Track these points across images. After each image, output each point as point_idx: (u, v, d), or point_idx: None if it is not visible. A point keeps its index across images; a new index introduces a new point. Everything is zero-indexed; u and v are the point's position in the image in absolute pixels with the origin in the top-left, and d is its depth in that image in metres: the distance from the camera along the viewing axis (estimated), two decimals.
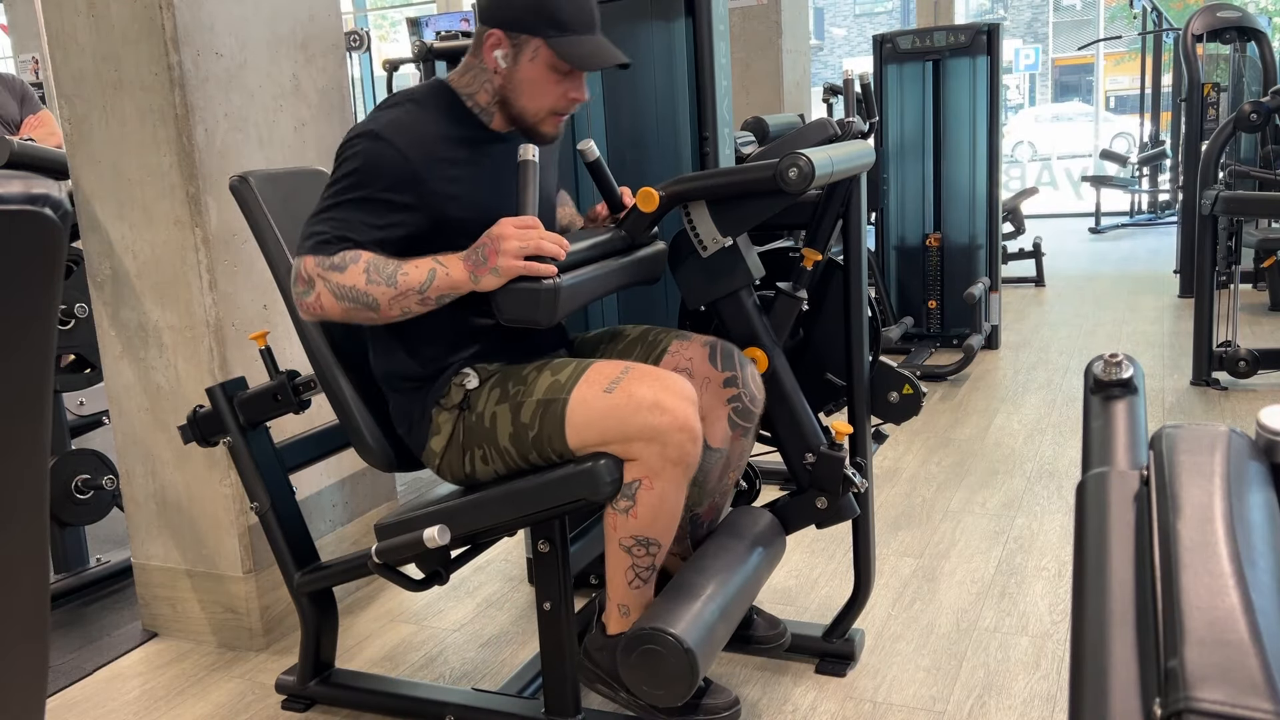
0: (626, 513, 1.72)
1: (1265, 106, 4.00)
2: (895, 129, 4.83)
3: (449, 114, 1.81)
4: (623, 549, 1.76)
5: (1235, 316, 4.17)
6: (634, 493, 1.70)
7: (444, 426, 1.80)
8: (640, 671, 1.69)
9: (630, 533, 1.73)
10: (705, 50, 2.22)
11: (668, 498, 1.71)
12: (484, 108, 1.83)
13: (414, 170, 1.71)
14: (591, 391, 1.69)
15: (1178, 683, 0.45)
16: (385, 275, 1.67)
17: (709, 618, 1.72)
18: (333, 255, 1.68)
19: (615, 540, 1.75)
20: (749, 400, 1.90)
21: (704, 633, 1.69)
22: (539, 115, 1.81)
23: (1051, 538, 2.76)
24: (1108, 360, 0.75)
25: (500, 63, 1.77)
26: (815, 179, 1.77)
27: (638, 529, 1.73)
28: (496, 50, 1.77)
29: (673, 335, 1.94)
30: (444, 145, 1.77)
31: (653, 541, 1.74)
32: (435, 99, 1.82)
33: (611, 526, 1.75)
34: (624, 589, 1.78)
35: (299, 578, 2.07)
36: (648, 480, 1.69)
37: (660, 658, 1.66)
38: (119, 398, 2.47)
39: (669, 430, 1.65)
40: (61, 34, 2.31)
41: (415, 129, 1.74)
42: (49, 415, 0.69)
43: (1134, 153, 9.82)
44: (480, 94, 1.83)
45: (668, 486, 1.70)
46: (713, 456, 1.91)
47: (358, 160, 1.71)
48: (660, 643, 1.66)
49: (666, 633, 1.65)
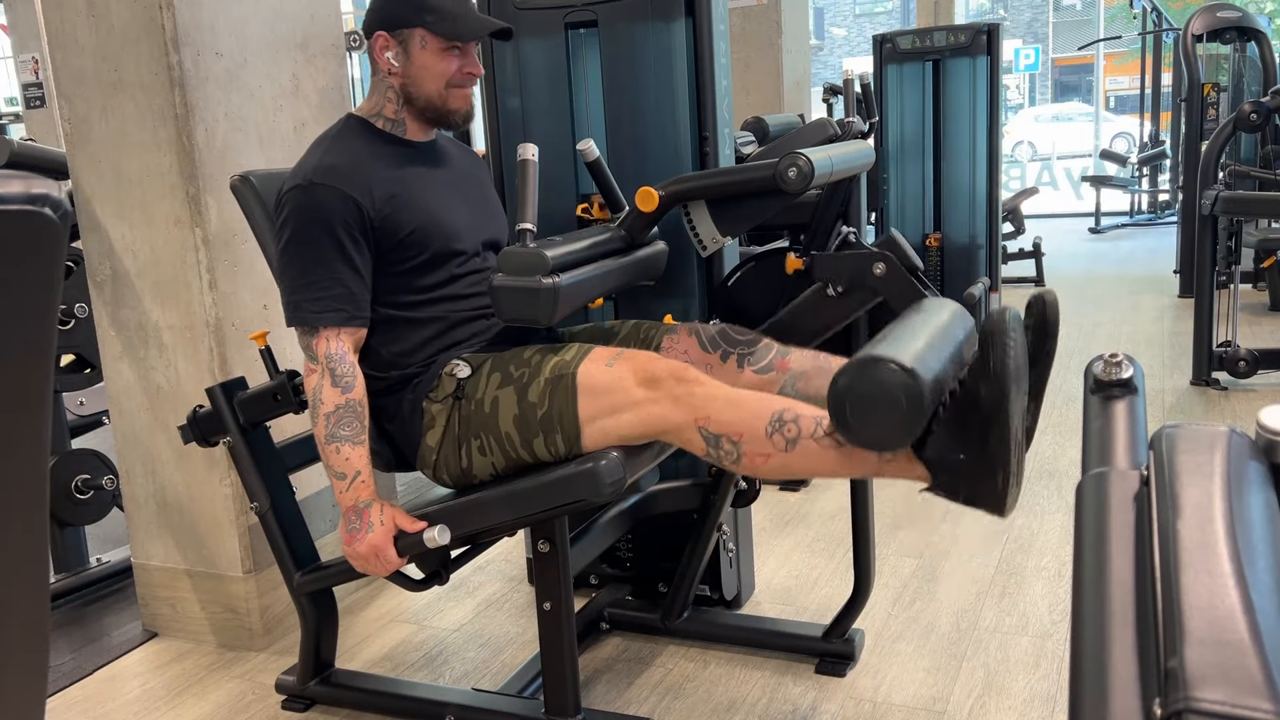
0: (734, 443, 1.61)
1: (1265, 106, 4.00)
2: (895, 129, 4.83)
3: (365, 139, 1.88)
4: (776, 441, 1.60)
5: (1235, 316, 4.17)
6: (707, 432, 1.62)
7: (438, 418, 1.81)
8: (863, 417, 1.44)
9: (757, 434, 1.60)
10: (705, 50, 2.22)
11: (717, 395, 1.63)
12: (394, 120, 1.91)
13: (355, 201, 1.77)
14: (596, 365, 1.71)
15: (1178, 683, 0.45)
16: (334, 431, 1.75)
17: (930, 353, 1.48)
18: (340, 367, 1.75)
19: (766, 445, 1.60)
20: (748, 343, 1.90)
21: (928, 362, 1.45)
22: (442, 96, 1.87)
23: (1051, 538, 2.76)
24: (1108, 360, 0.75)
25: (394, 63, 1.86)
26: (815, 179, 1.77)
27: (752, 424, 1.60)
28: (387, 52, 1.86)
29: (662, 330, 1.97)
30: (373, 166, 1.83)
31: (774, 415, 1.60)
32: (348, 131, 1.89)
33: (761, 461, 1.61)
34: (814, 437, 1.59)
35: (299, 578, 2.07)
36: (695, 420, 1.62)
37: (877, 384, 1.42)
38: (119, 398, 2.47)
39: (664, 371, 1.66)
40: (61, 34, 2.31)
41: (340, 164, 1.79)
42: (49, 415, 0.69)
43: (1134, 153, 9.82)
44: (386, 107, 1.90)
45: (705, 399, 1.62)
46: (788, 381, 1.85)
47: (298, 215, 1.76)
48: (871, 369, 1.42)
49: (880, 359, 1.42)
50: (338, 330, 1.76)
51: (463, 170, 2.01)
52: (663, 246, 2.06)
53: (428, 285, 1.85)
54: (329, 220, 1.75)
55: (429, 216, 1.84)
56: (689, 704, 2.08)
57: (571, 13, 2.29)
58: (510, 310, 1.69)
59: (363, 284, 1.79)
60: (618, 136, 2.31)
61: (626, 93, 2.28)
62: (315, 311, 1.75)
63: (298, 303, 1.76)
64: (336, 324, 1.76)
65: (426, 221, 1.83)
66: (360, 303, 1.78)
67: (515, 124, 2.40)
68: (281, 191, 1.80)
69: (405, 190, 1.84)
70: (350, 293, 1.76)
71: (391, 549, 1.77)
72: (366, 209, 1.77)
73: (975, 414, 1.47)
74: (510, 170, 2.37)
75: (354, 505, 1.76)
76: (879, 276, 1.93)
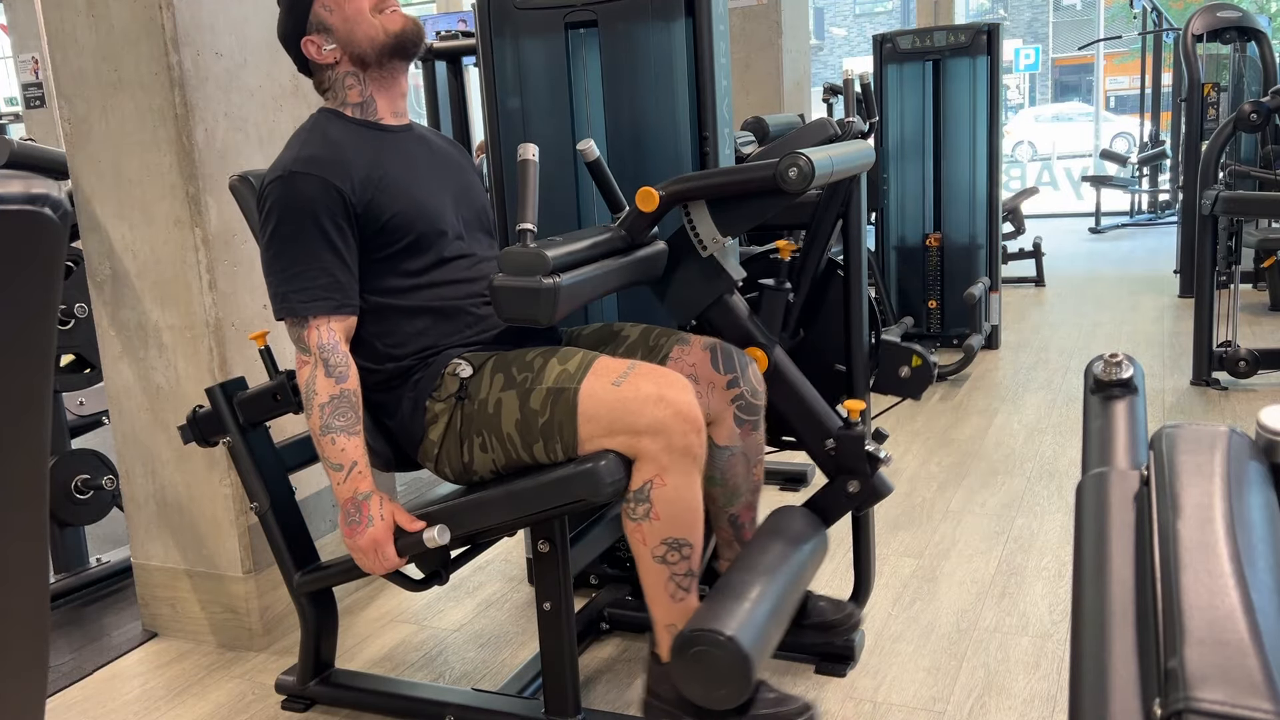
0: (647, 517, 1.70)
1: (1265, 106, 4.00)
2: (895, 129, 4.83)
3: (340, 128, 1.87)
4: (656, 560, 1.73)
5: (1235, 316, 4.17)
6: (648, 494, 1.69)
7: (441, 416, 1.81)
8: (694, 677, 1.63)
9: (658, 538, 1.71)
10: (705, 50, 2.22)
11: (682, 490, 1.69)
12: (362, 103, 1.90)
13: (337, 188, 1.76)
14: (600, 384, 1.70)
15: (1178, 683, 0.45)
16: (328, 422, 1.74)
17: (759, 616, 1.67)
18: (333, 357, 1.75)
19: (647, 555, 1.73)
20: (751, 395, 1.91)
21: (754, 630, 1.64)
22: (375, 27, 1.85)
23: (1051, 538, 2.76)
24: (1108, 360, 0.75)
25: (327, 44, 1.86)
26: (815, 179, 1.77)
27: (664, 531, 1.71)
28: (321, 46, 1.86)
29: (674, 339, 1.95)
30: (352, 153, 1.82)
31: (683, 542, 1.72)
32: (323, 122, 1.88)
33: (639, 541, 1.73)
34: (668, 605, 1.76)
35: (299, 578, 2.07)
36: (658, 478, 1.68)
37: (713, 659, 1.61)
38: (119, 398, 2.47)
39: (672, 421, 1.66)
40: (61, 34, 2.31)
41: (318, 154, 1.79)
42: (49, 415, 0.69)
43: (1134, 153, 9.82)
44: (349, 95, 1.90)
45: (679, 479, 1.69)
46: (724, 454, 1.91)
47: (280, 206, 1.75)
48: (710, 643, 1.61)
49: (716, 632, 1.61)
50: (328, 319, 1.75)
51: (441, 153, 2.00)
52: (663, 246, 2.06)
53: (415, 270, 1.84)
54: (313, 209, 1.74)
55: (410, 199, 1.83)
56: None
57: (571, 13, 2.29)
58: (510, 310, 1.69)
59: (349, 272, 1.78)
60: (618, 136, 2.31)
61: (626, 93, 2.28)
62: (303, 302, 1.74)
63: (285, 294, 1.75)
64: (326, 312, 1.75)
65: (408, 204, 1.83)
66: (349, 291, 1.78)
67: (515, 124, 2.40)
68: (263, 185, 1.79)
69: (385, 174, 1.83)
70: (337, 281, 1.76)
71: (391, 546, 1.76)
72: (349, 195, 1.77)
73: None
74: (510, 170, 2.37)
75: (352, 497, 1.75)
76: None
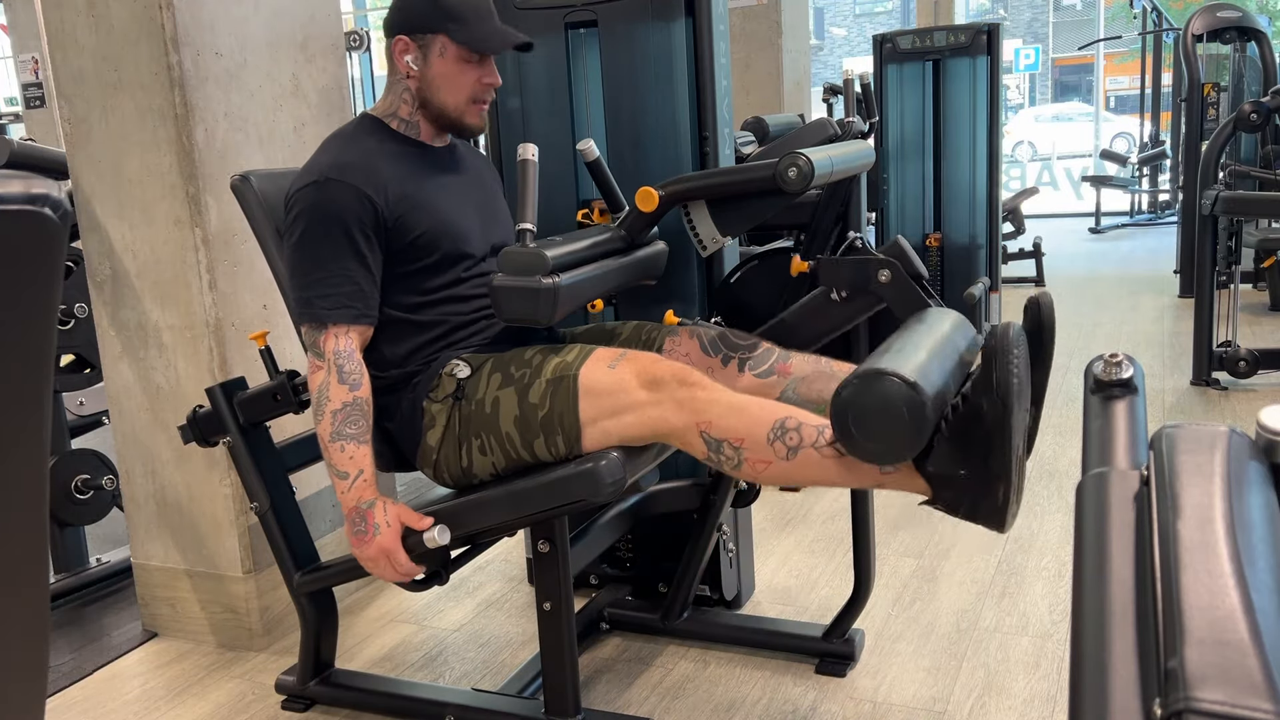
0: (735, 449, 1.59)
1: (1265, 106, 4.00)
2: (895, 129, 4.83)
3: (379, 139, 1.87)
4: (783, 458, 1.59)
5: (1235, 316, 4.17)
6: (709, 437, 1.61)
7: (439, 418, 1.80)
8: (866, 431, 1.45)
9: (758, 445, 1.59)
10: (705, 50, 2.22)
11: (719, 400, 1.63)
12: (409, 121, 1.90)
13: (369, 199, 1.76)
14: (598, 367, 1.71)
15: (1178, 683, 0.45)
16: (339, 429, 1.73)
17: (921, 359, 1.51)
18: (348, 364, 1.74)
19: (779, 462, 1.59)
20: (751, 348, 1.90)
21: (919, 367, 1.48)
22: (460, 108, 1.87)
23: (1051, 538, 2.76)
24: (1108, 360, 0.75)
25: (412, 66, 1.85)
26: (815, 179, 1.77)
27: (747, 429, 1.60)
28: (406, 55, 1.85)
29: (665, 331, 1.97)
30: (386, 165, 1.81)
31: (772, 424, 1.60)
32: (363, 130, 1.88)
33: (763, 468, 1.60)
34: (816, 446, 1.58)
35: (299, 578, 2.07)
36: (696, 423, 1.62)
37: (881, 398, 1.43)
38: (119, 398, 2.47)
39: (666, 373, 1.66)
40: (61, 34, 2.31)
41: (354, 162, 1.79)
42: (49, 415, 0.69)
43: (1134, 153, 9.81)
44: (401, 108, 1.90)
45: (709, 396, 1.63)
46: (786, 393, 1.85)
47: (311, 211, 1.75)
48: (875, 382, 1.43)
49: (884, 373, 1.44)
50: (347, 328, 1.75)
51: (476, 176, 2.01)
52: (663, 246, 2.06)
53: (433, 287, 1.85)
54: (343, 217, 1.74)
55: (441, 219, 1.84)
56: (689, 704, 2.08)
57: (571, 13, 2.29)
58: (510, 310, 1.69)
59: (373, 282, 1.78)
60: (618, 136, 2.31)
61: (626, 93, 2.28)
62: (326, 308, 1.74)
63: (309, 299, 1.75)
64: (347, 321, 1.75)
65: (438, 224, 1.83)
66: (371, 301, 1.78)
67: (515, 124, 2.40)
68: (293, 189, 1.79)
69: (418, 191, 1.83)
70: (361, 290, 1.76)
71: (402, 552, 1.75)
72: (380, 207, 1.77)
73: (978, 430, 1.47)
74: (510, 170, 2.37)
75: (356, 506, 1.74)
76: (884, 283, 1.93)
